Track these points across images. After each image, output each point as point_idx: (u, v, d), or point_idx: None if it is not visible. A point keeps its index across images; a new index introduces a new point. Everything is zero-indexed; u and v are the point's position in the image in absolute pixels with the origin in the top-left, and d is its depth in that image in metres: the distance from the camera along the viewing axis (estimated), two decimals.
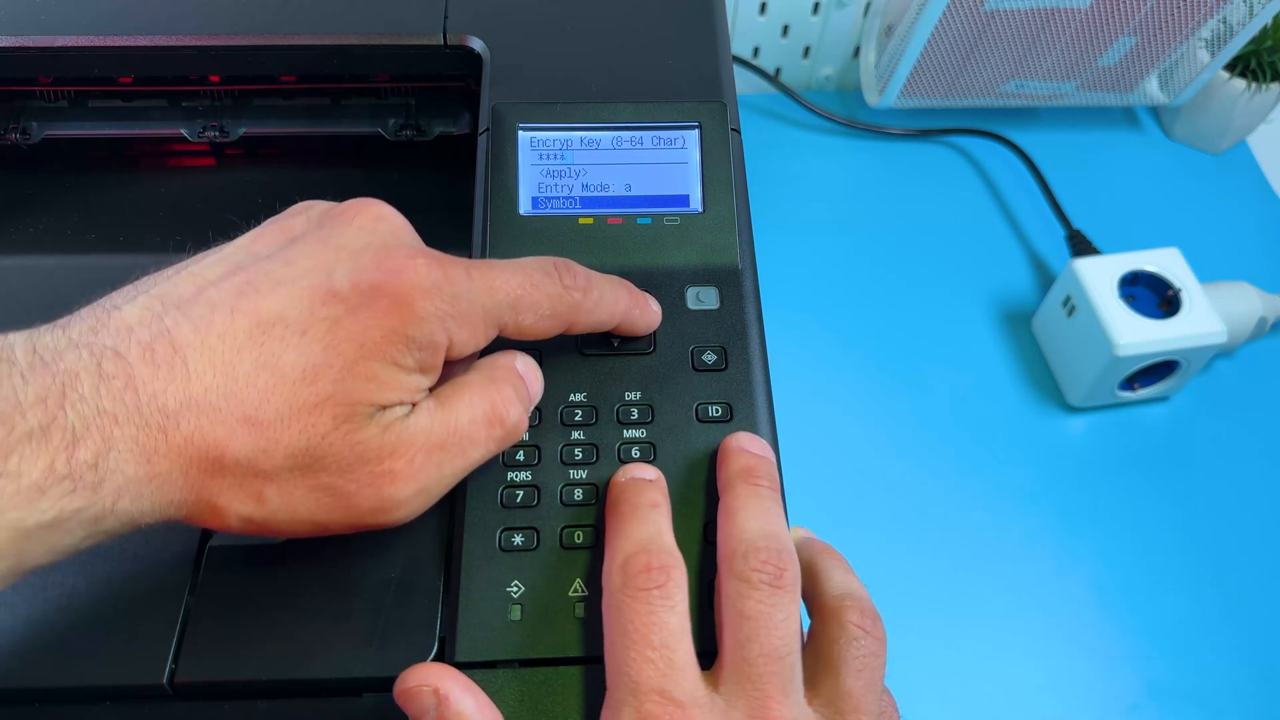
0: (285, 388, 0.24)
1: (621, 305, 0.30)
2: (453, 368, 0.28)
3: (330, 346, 0.24)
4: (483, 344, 0.27)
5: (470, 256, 0.34)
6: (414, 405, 0.26)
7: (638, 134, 0.36)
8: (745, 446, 0.29)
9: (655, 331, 0.32)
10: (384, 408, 0.25)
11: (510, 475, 0.29)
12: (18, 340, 0.23)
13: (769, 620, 0.25)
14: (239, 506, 0.24)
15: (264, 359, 0.24)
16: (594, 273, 0.30)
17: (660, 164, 0.36)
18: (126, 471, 0.23)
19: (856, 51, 0.73)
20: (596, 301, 0.29)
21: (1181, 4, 0.62)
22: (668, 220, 0.35)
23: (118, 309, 0.24)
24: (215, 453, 0.24)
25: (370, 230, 0.27)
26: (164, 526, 0.27)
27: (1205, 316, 0.56)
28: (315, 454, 0.24)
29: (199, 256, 0.27)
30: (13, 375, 0.22)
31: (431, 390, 0.27)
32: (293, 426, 0.24)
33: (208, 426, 0.23)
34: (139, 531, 0.25)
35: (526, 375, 0.29)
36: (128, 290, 0.25)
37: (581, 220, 0.35)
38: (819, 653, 0.27)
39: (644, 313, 0.31)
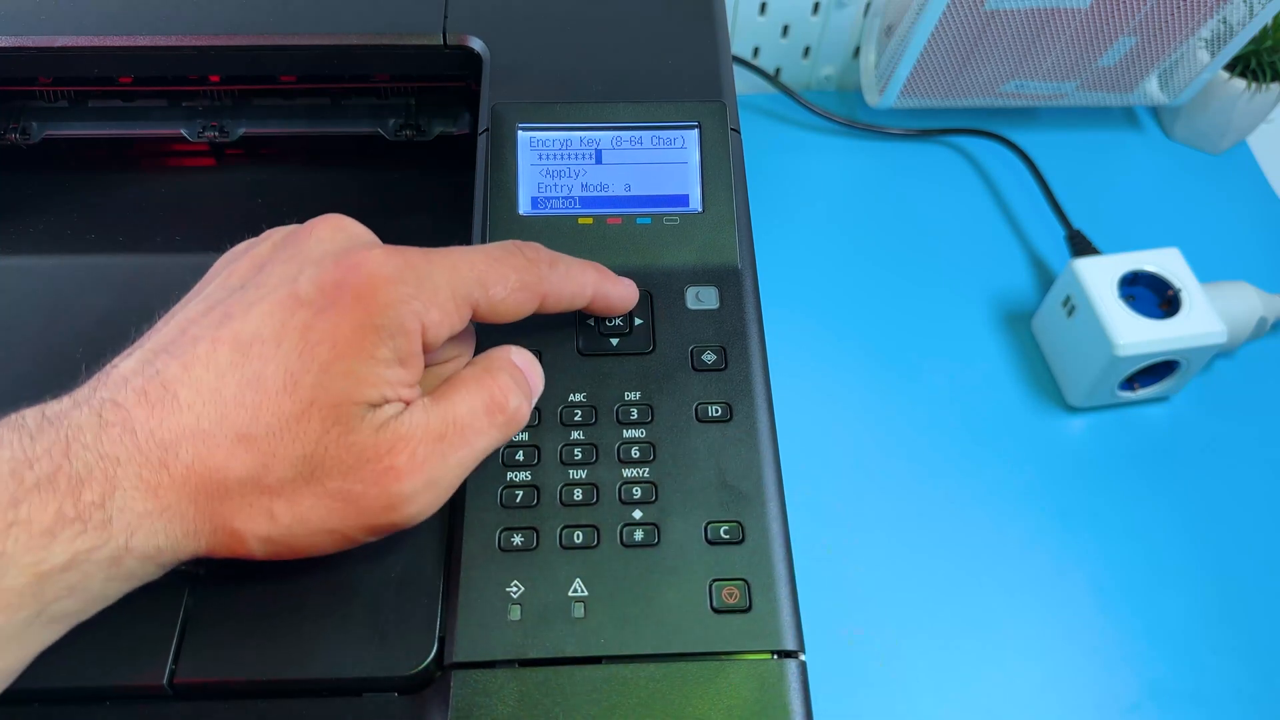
0: (270, 401, 0.25)
1: (590, 276, 0.31)
2: (444, 367, 0.29)
3: (304, 352, 0.25)
4: (458, 326, 0.27)
5: None
6: (408, 404, 0.26)
7: (637, 134, 0.36)
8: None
9: (655, 331, 0.32)
10: (373, 406, 0.25)
11: (510, 475, 0.29)
12: (29, 410, 0.24)
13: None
14: (253, 526, 0.25)
15: (248, 378, 0.25)
16: (558, 252, 0.30)
17: (660, 164, 0.36)
18: (135, 508, 0.23)
19: (856, 51, 0.73)
20: (564, 273, 0.30)
21: (1181, 4, 0.62)
22: (667, 220, 0.35)
23: (115, 367, 0.26)
24: (218, 476, 0.24)
25: (329, 239, 0.27)
26: None
27: (1205, 316, 0.56)
28: (314, 461, 0.25)
29: (183, 302, 0.28)
30: (22, 437, 0.23)
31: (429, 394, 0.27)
32: (285, 437, 0.25)
33: (205, 452, 0.24)
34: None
35: (524, 367, 0.29)
36: (126, 350, 0.26)
37: (581, 220, 0.35)
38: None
39: (616, 284, 0.32)
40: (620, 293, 0.32)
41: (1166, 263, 0.58)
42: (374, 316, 0.25)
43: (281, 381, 0.25)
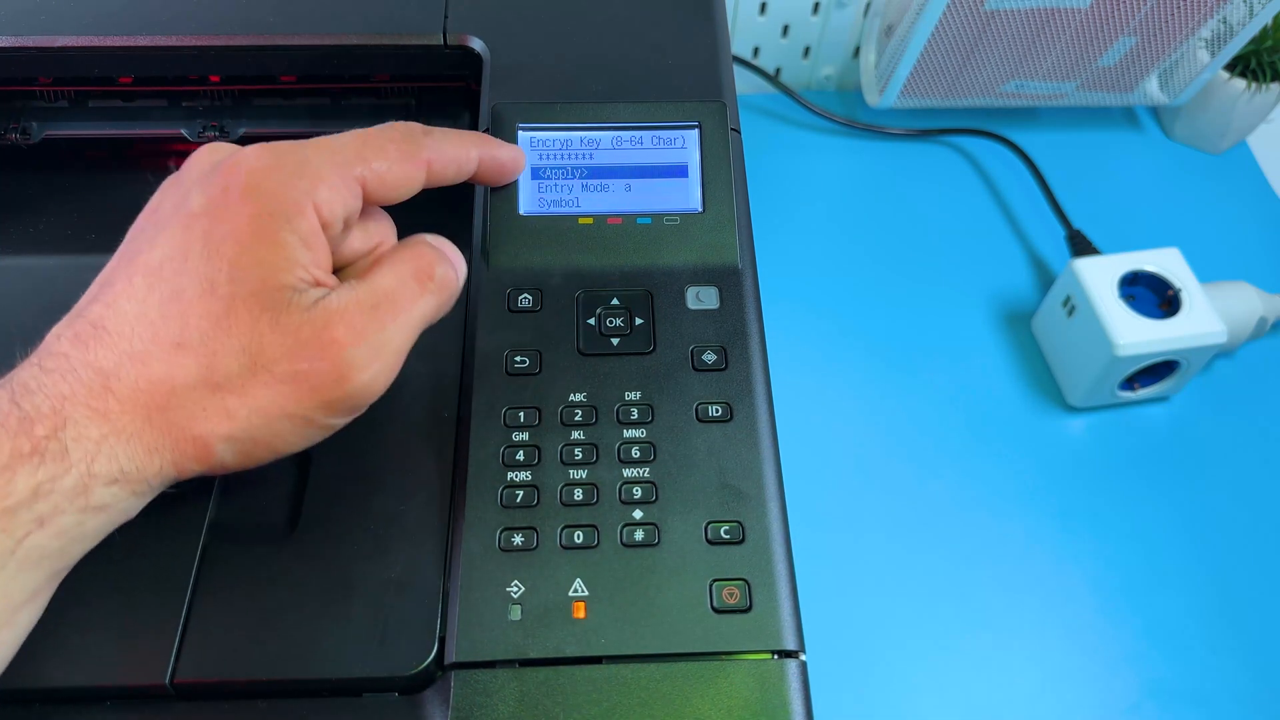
0: (195, 306, 0.26)
1: (471, 139, 0.32)
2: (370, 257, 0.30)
3: (213, 256, 0.26)
4: (351, 203, 0.28)
5: (470, 257, 0.34)
6: (331, 289, 0.27)
7: (638, 134, 0.36)
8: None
9: (655, 331, 0.32)
10: (295, 290, 0.26)
11: (510, 475, 0.29)
12: None
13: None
14: (213, 427, 0.26)
15: (167, 294, 0.26)
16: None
17: (660, 164, 0.36)
18: (90, 435, 0.24)
19: (856, 51, 0.73)
20: (443, 137, 0.31)
21: (1181, 4, 0.62)
22: (668, 220, 0.35)
23: (48, 333, 0.27)
24: (165, 387, 0.25)
25: (206, 160, 0.29)
26: (164, 524, 0.27)
27: (1205, 316, 0.56)
28: (254, 350, 0.26)
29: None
30: None
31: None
32: (219, 334, 0.25)
33: (145, 370, 0.25)
34: (143, 515, 0.26)
35: (440, 244, 0.30)
36: None
37: (581, 220, 0.35)
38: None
39: (503, 148, 0.33)
40: (509, 154, 0.33)
41: (1166, 263, 0.58)
42: (265, 205, 0.26)
43: (199, 287, 0.26)
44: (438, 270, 0.29)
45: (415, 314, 0.28)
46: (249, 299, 0.26)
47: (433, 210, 0.33)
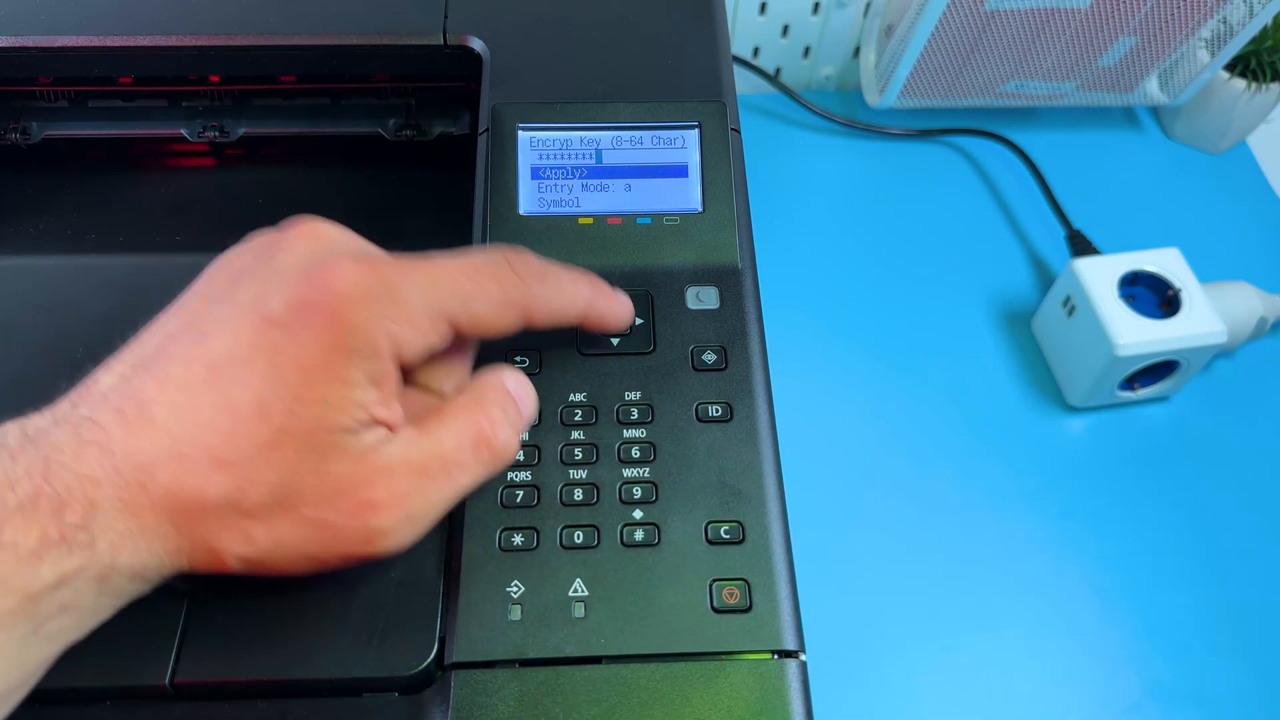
0: (244, 427, 0.24)
1: (583, 292, 0.30)
2: (432, 388, 0.28)
3: (275, 377, 0.24)
4: (435, 343, 0.27)
5: None
6: (392, 431, 0.26)
7: (638, 134, 0.36)
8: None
9: (655, 331, 0.32)
10: (349, 431, 0.25)
11: (510, 475, 0.29)
12: (11, 427, 0.24)
13: None
14: (233, 547, 0.25)
15: (221, 401, 0.24)
16: (552, 261, 0.29)
17: (660, 164, 0.36)
18: (117, 528, 0.23)
19: (856, 51, 0.73)
20: (554, 287, 0.29)
21: (1181, 4, 0.62)
22: (668, 220, 0.35)
23: (96, 381, 0.25)
24: (195, 499, 0.24)
25: (303, 250, 0.26)
26: None
27: (1205, 316, 0.56)
28: (290, 488, 0.24)
29: (167, 309, 0.27)
30: (3, 457, 0.23)
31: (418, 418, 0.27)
32: (260, 464, 0.24)
33: (182, 475, 0.24)
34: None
35: (518, 394, 0.28)
36: (108, 362, 0.26)
37: (581, 220, 0.35)
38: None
39: (611, 302, 0.31)
40: (615, 311, 0.31)
41: (1166, 263, 0.58)
42: (342, 338, 0.24)
43: (253, 406, 0.24)
44: (500, 438, 0.27)
45: (461, 484, 0.27)
46: (299, 438, 0.24)
47: (433, 210, 0.33)
